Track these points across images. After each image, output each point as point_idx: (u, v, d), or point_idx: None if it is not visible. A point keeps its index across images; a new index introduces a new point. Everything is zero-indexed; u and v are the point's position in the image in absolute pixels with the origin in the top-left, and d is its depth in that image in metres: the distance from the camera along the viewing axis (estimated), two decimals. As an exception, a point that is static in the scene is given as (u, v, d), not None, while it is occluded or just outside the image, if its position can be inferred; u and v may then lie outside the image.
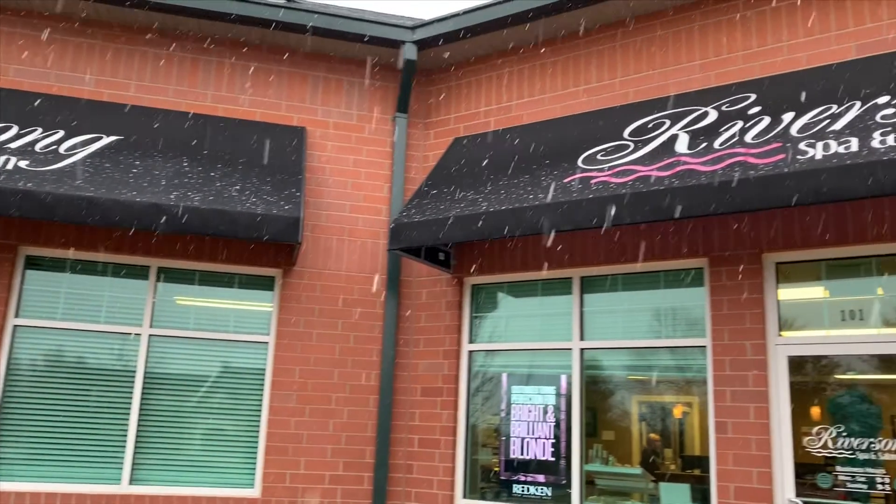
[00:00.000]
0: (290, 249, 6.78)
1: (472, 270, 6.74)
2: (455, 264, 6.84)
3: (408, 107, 7.22)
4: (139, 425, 6.36)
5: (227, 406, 6.54)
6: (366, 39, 6.94)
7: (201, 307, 6.69)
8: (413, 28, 6.92)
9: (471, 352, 6.75)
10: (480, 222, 5.58)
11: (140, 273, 6.64)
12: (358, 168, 7.16)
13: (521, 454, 6.29)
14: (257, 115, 7.07)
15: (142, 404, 6.40)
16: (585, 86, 6.56)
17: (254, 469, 6.47)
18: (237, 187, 6.11)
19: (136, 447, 6.31)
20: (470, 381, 6.71)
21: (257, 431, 6.54)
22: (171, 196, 5.75)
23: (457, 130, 7.20)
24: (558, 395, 6.22)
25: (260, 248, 6.74)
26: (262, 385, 6.63)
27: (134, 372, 6.43)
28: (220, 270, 6.77)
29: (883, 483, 4.83)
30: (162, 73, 6.96)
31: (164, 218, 5.62)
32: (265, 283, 6.84)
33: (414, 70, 7.05)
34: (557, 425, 6.17)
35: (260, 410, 6.59)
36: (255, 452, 6.50)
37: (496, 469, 6.40)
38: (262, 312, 6.78)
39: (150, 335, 6.53)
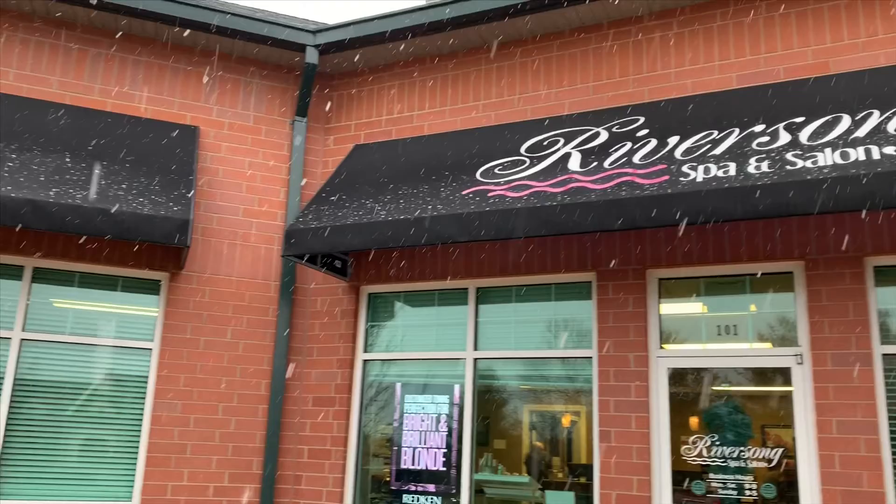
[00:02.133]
0: (179, 253, 6.53)
1: (368, 279, 6.71)
2: (352, 272, 6.79)
3: (307, 111, 7.12)
4: (6, 435, 5.95)
5: (105, 415, 6.22)
6: (267, 41, 6.80)
7: (80, 310, 6.34)
8: (315, 32, 6.84)
9: (365, 361, 6.71)
10: (378, 231, 5.56)
11: (13, 273, 6.23)
12: (253, 171, 6.99)
13: (413, 464, 6.29)
14: (148, 112, 6.80)
15: (10, 413, 5.99)
16: (486, 101, 6.67)
17: (132, 481, 6.18)
18: (123, 186, 5.84)
19: (1, 459, 5.90)
20: (364, 391, 6.66)
21: (138, 442, 6.25)
22: (51, 193, 5.43)
23: (357, 137, 7.16)
24: (451, 404, 6.27)
25: (146, 250, 6.46)
26: (144, 393, 6.35)
27: (1, 378, 6.01)
28: (102, 272, 6.44)
29: (751, 489, 5.12)
30: (45, 63, 6.58)
31: (42, 216, 5.30)
32: (150, 287, 6.56)
33: (315, 74, 6.97)
34: (449, 434, 6.21)
35: (141, 420, 6.30)
36: (135, 463, 6.21)
37: (387, 479, 6.38)
38: (146, 317, 6.49)
39: (22, 339, 6.13)
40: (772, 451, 5.13)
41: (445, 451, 6.19)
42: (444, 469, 6.16)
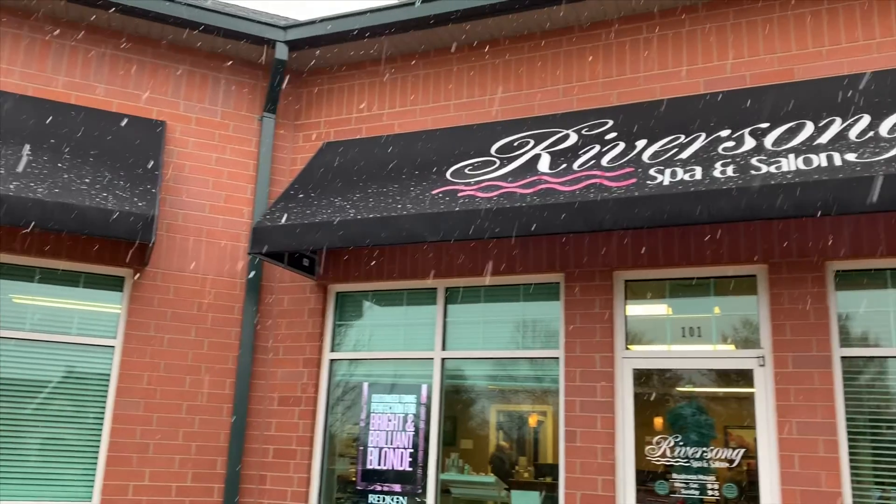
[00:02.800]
0: (143, 249, 6.43)
1: (336, 278, 6.67)
2: (319, 271, 6.74)
3: (276, 107, 7.06)
4: (-39, 435, 5.81)
5: (66, 413, 6.10)
6: (237, 36, 6.72)
7: (41, 307, 6.21)
8: (285, 28, 6.78)
9: (332, 360, 6.67)
10: (347, 229, 5.53)
11: (-30, 268, 6.09)
12: (220, 167, 6.91)
13: (379, 464, 6.27)
14: (114, 106, 6.68)
15: (-35, 412, 5.85)
16: (456, 100, 6.67)
17: (93, 480, 6.07)
18: (87, 180, 5.73)
19: (-44, 459, 5.76)
20: (330, 391, 6.62)
21: (99, 441, 6.14)
22: (11, 186, 5.31)
23: (327, 135, 7.12)
24: (418, 404, 6.26)
25: (109, 245, 6.35)
26: (106, 392, 6.23)
27: (-42, 376, 5.87)
28: (64, 268, 6.32)
29: (713, 489, 5.19)
30: (6, 53, 6.43)
31: (3, 209, 5.18)
32: (114, 284, 6.44)
33: (284, 70, 6.91)
34: (416, 434, 6.20)
35: (103, 418, 6.19)
36: (96, 463, 6.10)
37: (353, 479, 6.34)
38: (109, 314, 6.38)
39: (-21, 336, 5.99)
40: (734, 452, 5.21)
41: (412, 450, 6.18)
42: (411, 469, 6.15)
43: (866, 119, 4.79)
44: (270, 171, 7.02)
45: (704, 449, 5.28)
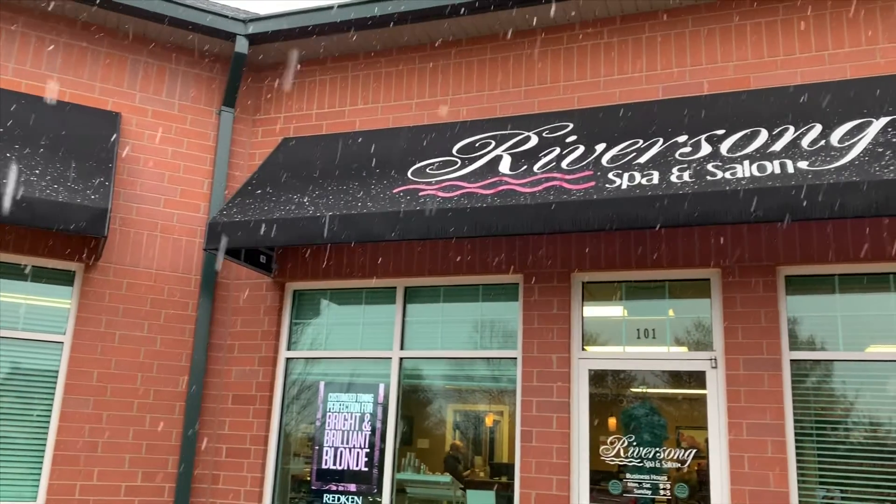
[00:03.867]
0: (95, 243, 6.28)
1: (294, 275, 6.60)
2: (277, 268, 6.66)
3: (235, 101, 6.96)
4: None
5: (12, 411, 5.92)
6: (196, 28, 6.61)
7: (-15, 301, 6.02)
8: (246, 21, 6.69)
9: (288, 359, 6.60)
10: (305, 226, 5.48)
11: (-89, 260, 5.87)
12: (177, 161, 6.78)
13: (335, 463, 6.22)
14: (67, 96, 6.51)
15: None
16: (419, 100, 6.66)
17: (38, 479, 5.90)
18: (37, 172, 5.57)
19: None
20: (286, 390, 6.55)
21: (45, 439, 5.98)
22: (-45, 176, 5.14)
23: (286, 130, 7.04)
24: (375, 403, 6.23)
25: (60, 239, 6.18)
26: (54, 389, 6.07)
27: None
28: (11, 261, 6.13)
29: (665, 489, 5.28)
30: (-47, 38, 6.23)
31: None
32: (64, 278, 6.28)
33: (244, 64, 6.81)
34: (373, 434, 6.17)
35: (49, 416, 6.02)
36: (41, 461, 5.93)
37: (308, 479, 6.29)
38: (58, 309, 6.21)
39: (-80, 330, 5.78)
40: (685, 452, 5.30)
41: (368, 450, 6.15)
42: (367, 469, 6.11)
43: (818, 128, 4.92)
44: (228, 166, 6.92)
45: (657, 449, 5.36)
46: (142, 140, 6.70)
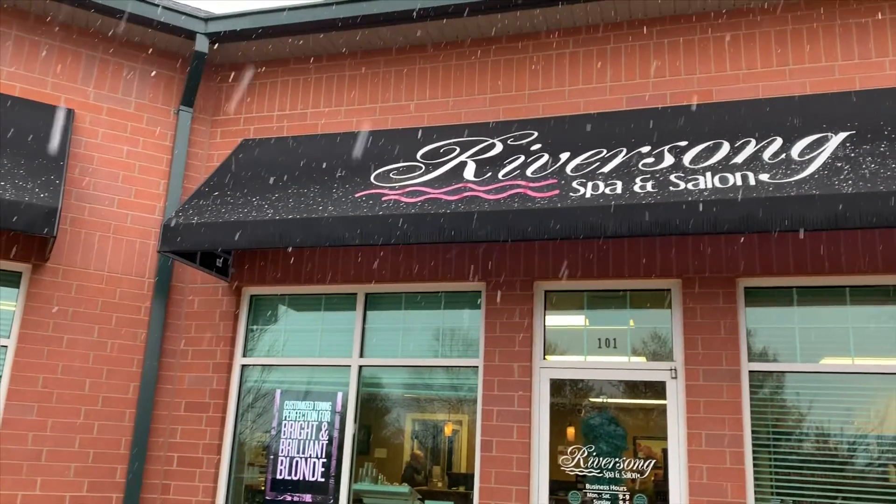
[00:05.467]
0: (44, 243, 6.05)
1: (251, 280, 6.45)
2: (234, 272, 6.51)
3: (194, 101, 6.80)
4: None
5: (-52, 418, 5.66)
6: (155, 25, 6.44)
7: (-76, 302, 5.76)
8: (207, 19, 6.55)
9: (244, 366, 6.44)
10: (264, 230, 5.35)
11: None
12: (132, 160, 6.58)
13: (290, 473, 6.08)
14: (17, 90, 6.27)
15: None
16: (383, 104, 6.59)
17: (-24, 491, 5.64)
18: (-18, 168, 5.35)
19: None
20: (241, 397, 6.39)
21: (-15, 448, 5.73)
22: None
23: (246, 132, 6.90)
24: (333, 412, 6.11)
25: (6, 239, 5.94)
26: (-4, 395, 5.82)
27: None
28: (-47, 261, 5.88)
29: (624, 499, 5.26)
30: None
31: None
32: (9, 279, 6.03)
33: (204, 64, 6.67)
34: (330, 443, 6.05)
35: (-10, 424, 5.77)
36: (-19, 472, 5.68)
37: (262, 489, 6.13)
38: (2, 312, 5.96)
39: None
40: (645, 463, 5.29)
41: (325, 460, 6.03)
42: (323, 479, 5.99)
43: (779, 141, 4.98)
44: (185, 167, 6.75)
45: (617, 460, 5.35)
46: (95, 138, 6.49)
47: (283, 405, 6.27)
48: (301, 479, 6.05)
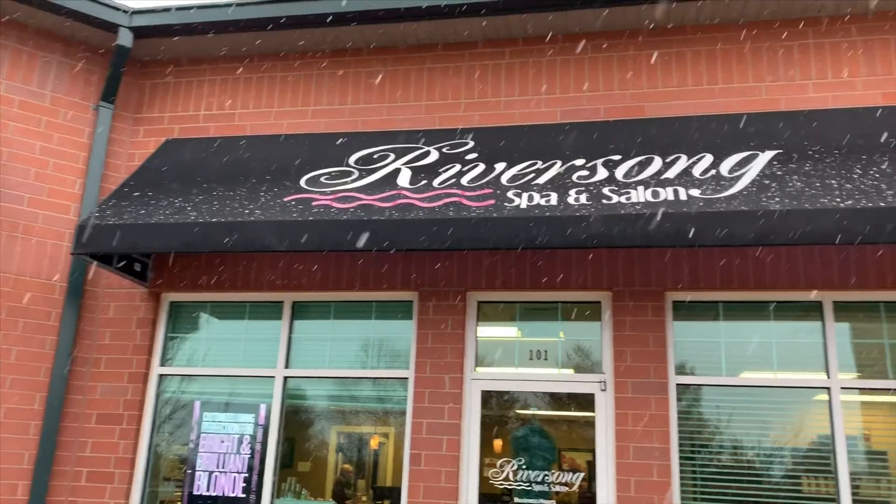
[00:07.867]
0: (-56, 242, 5.64)
1: (171, 286, 6.16)
2: (152, 277, 6.20)
3: (115, 98, 6.48)
4: None
5: None
6: (75, 16, 6.11)
7: None
8: (131, 13, 6.27)
9: (161, 375, 6.14)
10: (185, 233, 5.11)
11: None
12: (46, 157, 6.21)
13: (209, 489, 5.81)
14: (-83, 77, 5.85)
15: None
16: (315, 107, 6.42)
17: None
18: None
19: None
20: (158, 408, 6.08)
21: None
22: None
23: (170, 131, 6.61)
24: (256, 424, 5.88)
25: None
26: None
27: None
28: None
29: (552, 513, 5.23)
30: None
31: None
32: None
33: (127, 59, 6.37)
34: (252, 456, 5.82)
35: None
36: None
37: (178, 505, 5.85)
38: None
39: None
40: (573, 476, 5.27)
41: (246, 474, 5.79)
42: (244, 494, 5.75)
43: (709, 158, 5.07)
44: (104, 166, 6.41)
45: (546, 472, 5.31)
46: (6, 132, 6.10)
47: (203, 417, 6.00)
48: (220, 494, 5.79)
